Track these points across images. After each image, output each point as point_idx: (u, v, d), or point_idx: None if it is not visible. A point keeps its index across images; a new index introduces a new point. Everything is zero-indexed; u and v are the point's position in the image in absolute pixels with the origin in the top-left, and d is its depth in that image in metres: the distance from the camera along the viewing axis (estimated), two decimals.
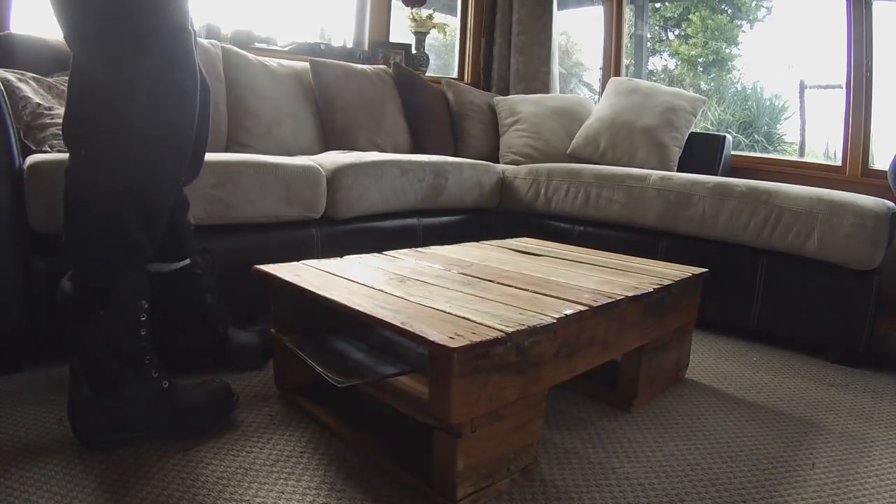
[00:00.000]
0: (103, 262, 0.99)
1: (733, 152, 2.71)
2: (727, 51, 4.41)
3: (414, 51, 2.93)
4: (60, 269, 1.21)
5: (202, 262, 1.31)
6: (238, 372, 1.32)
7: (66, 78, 1.60)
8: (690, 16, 4.54)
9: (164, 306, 1.28)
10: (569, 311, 0.95)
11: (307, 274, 1.14)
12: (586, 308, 0.98)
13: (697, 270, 1.36)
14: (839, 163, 2.53)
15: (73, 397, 0.98)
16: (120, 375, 0.99)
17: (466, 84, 3.11)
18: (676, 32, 4.71)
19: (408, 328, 0.83)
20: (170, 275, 1.27)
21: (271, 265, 1.19)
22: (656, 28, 4.65)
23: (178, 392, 1.05)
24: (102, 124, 0.96)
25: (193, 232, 1.31)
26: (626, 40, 3.26)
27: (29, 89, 1.47)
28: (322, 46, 2.60)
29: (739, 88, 4.16)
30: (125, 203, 0.98)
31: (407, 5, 2.81)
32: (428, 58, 2.97)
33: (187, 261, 1.29)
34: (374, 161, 1.85)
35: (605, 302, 1.03)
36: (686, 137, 2.47)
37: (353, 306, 0.94)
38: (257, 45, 2.47)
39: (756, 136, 3.92)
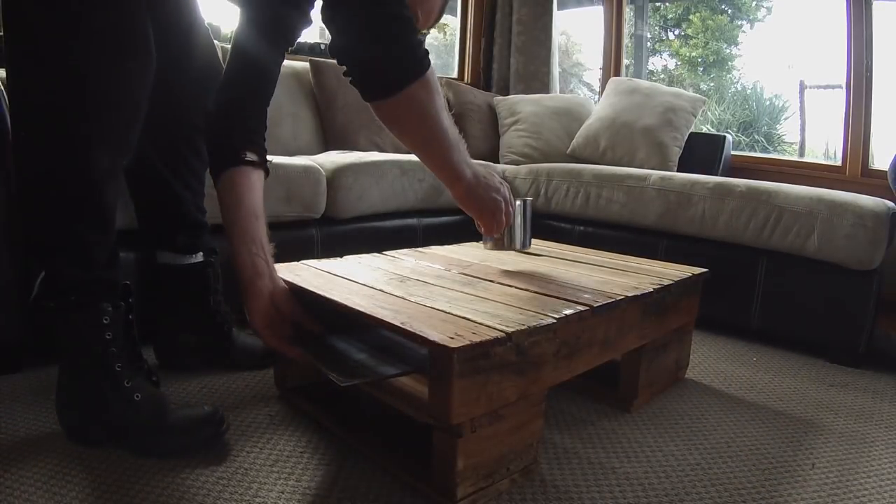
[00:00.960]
0: (47, 255, 0.96)
1: (733, 152, 2.71)
2: (727, 51, 4.42)
3: None
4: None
5: (213, 261, 1.31)
6: (239, 371, 1.32)
7: None
8: (690, 16, 4.54)
9: (173, 302, 1.29)
10: (569, 311, 0.95)
11: (307, 274, 1.14)
12: (586, 308, 0.98)
13: (697, 270, 1.36)
14: (839, 163, 2.52)
15: (57, 387, 0.99)
16: (88, 377, 0.96)
17: (466, 84, 3.11)
18: (676, 32, 4.72)
19: (408, 328, 0.83)
20: (181, 269, 1.27)
21: None
22: (656, 28, 4.65)
23: (154, 408, 0.98)
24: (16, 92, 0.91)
25: (208, 230, 1.31)
26: (626, 40, 3.26)
27: None
28: (322, 46, 2.60)
29: (739, 88, 4.17)
30: (56, 185, 0.93)
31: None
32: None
33: (200, 256, 1.29)
34: (374, 161, 1.85)
35: (605, 302, 1.03)
36: (686, 137, 2.47)
37: (353, 306, 0.94)
38: None
39: (756, 136, 3.92)
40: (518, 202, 1.21)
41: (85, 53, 0.90)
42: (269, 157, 1.13)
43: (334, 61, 0.97)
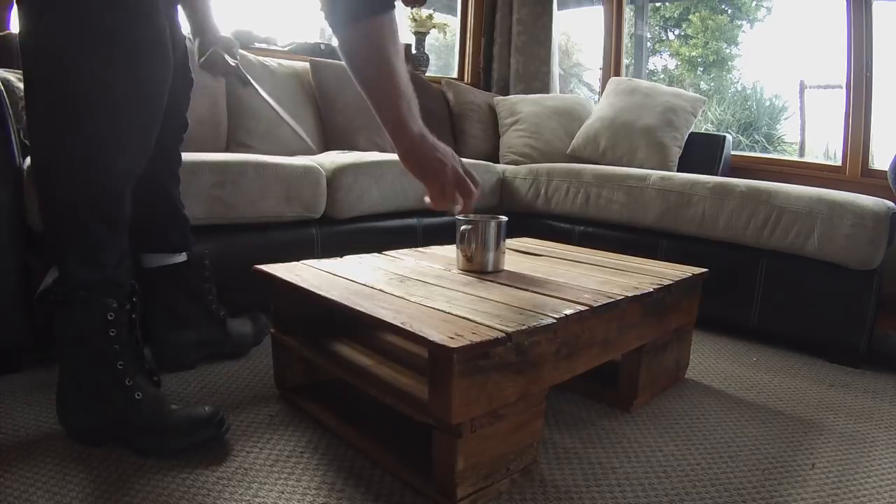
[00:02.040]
0: (60, 253, 0.97)
1: (733, 152, 2.71)
2: (727, 51, 4.42)
3: (414, 51, 2.93)
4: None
5: (206, 252, 1.33)
6: (238, 371, 1.32)
7: None
8: (690, 16, 4.54)
9: (170, 301, 1.29)
10: (569, 311, 0.95)
11: (307, 274, 1.14)
12: (586, 308, 0.98)
13: (697, 270, 1.36)
14: (839, 163, 2.52)
15: (58, 386, 0.99)
16: (90, 375, 0.97)
17: (466, 84, 3.11)
18: (676, 32, 4.72)
19: (408, 328, 0.83)
20: (176, 267, 1.28)
21: (271, 265, 1.19)
22: (656, 28, 4.65)
23: (155, 408, 0.98)
24: (50, 92, 0.92)
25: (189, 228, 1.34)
26: (626, 40, 3.26)
27: None
28: (322, 46, 2.60)
29: (739, 88, 4.17)
30: (78, 185, 0.95)
31: (407, 5, 2.80)
32: (428, 58, 2.97)
33: (184, 255, 1.31)
34: (374, 161, 1.85)
35: (605, 302, 1.03)
36: (686, 137, 2.47)
37: (353, 306, 0.94)
38: (257, 45, 2.47)
39: (756, 137, 3.92)
40: (492, 222, 1.19)
41: (107, 57, 0.91)
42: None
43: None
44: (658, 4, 4.47)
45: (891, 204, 1.64)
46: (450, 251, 1.44)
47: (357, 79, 1.02)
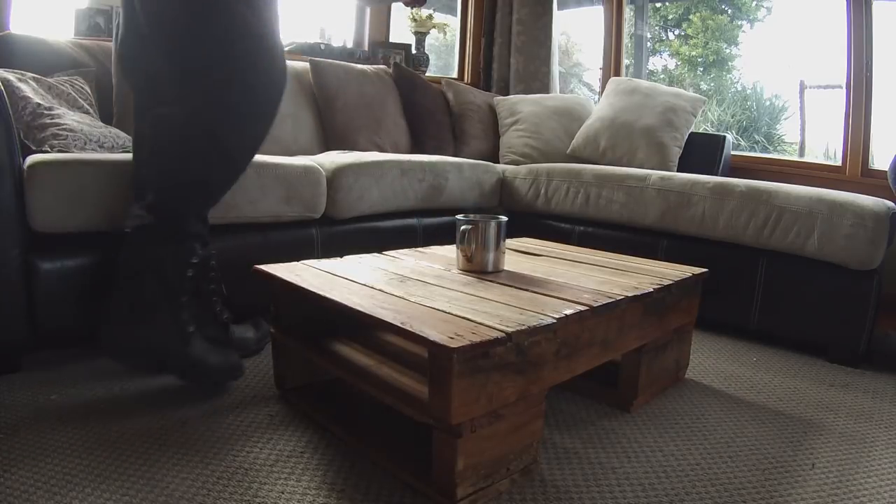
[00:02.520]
0: (178, 203, 1.15)
1: (733, 152, 2.71)
2: (727, 51, 4.42)
3: (414, 51, 2.93)
4: (61, 268, 1.23)
5: (213, 254, 1.33)
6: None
7: (67, 78, 1.61)
8: (690, 16, 4.54)
9: None
10: (569, 311, 0.95)
11: (307, 274, 1.14)
12: (586, 308, 0.98)
13: (697, 270, 1.36)
14: (839, 163, 2.52)
15: (111, 311, 1.12)
16: (157, 299, 1.12)
17: (466, 84, 3.11)
18: (676, 32, 4.72)
19: (408, 328, 0.83)
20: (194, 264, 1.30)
21: (271, 265, 1.19)
22: (656, 28, 4.65)
23: (199, 343, 1.15)
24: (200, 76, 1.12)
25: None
26: (626, 40, 3.26)
27: (29, 89, 1.47)
28: (322, 46, 2.60)
29: (739, 89, 4.17)
30: (213, 155, 1.14)
31: (407, 5, 2.81)
32: (428, 58, 2.97)
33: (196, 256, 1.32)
34: (375, 161, 1.85)
35: (605, 302, 1.03)
36: (686, 137, 2.47)
37: (353, 306, 0.94)
38: None
39: (756, 137, 3.92)
40: (492, 222, 1.19)
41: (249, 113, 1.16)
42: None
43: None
44: (658, 4, 4.47)
45: (891, 204, 1.64)
46: (450, 251, 1.45)
47: None
